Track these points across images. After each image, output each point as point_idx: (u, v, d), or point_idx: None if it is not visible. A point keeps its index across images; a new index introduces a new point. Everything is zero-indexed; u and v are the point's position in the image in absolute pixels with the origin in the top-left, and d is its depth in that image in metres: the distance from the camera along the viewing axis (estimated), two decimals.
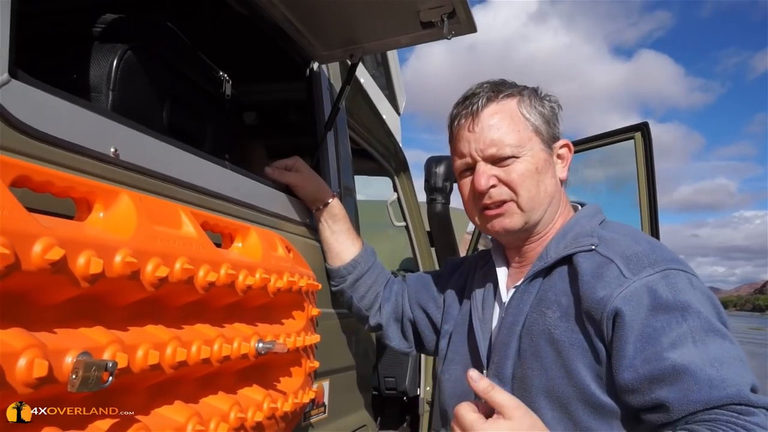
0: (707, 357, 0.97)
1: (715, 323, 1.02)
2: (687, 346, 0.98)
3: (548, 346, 1.11)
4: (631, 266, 1.07)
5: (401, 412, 3.29)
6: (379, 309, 1.55)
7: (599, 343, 1.05)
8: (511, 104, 1.21)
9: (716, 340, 1.00)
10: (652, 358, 0.99)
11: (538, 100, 1.24)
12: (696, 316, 1.01)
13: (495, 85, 1.24)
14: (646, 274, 1.05)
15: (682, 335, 0.99)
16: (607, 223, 1.23)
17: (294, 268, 1.16)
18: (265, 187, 1.30)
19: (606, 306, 1.04)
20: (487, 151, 1.19)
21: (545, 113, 1.23)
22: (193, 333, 0.86)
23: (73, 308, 0.69)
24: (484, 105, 1.21)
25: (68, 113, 0.77)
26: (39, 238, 0.59)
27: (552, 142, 1.24)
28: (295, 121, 2.27)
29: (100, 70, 1.06)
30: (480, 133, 1.19)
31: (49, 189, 0.68)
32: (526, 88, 1.26)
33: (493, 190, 1.19)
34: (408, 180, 3.04)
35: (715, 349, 0.98)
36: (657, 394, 0.98)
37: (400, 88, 3.31)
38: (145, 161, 0.89)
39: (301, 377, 1.19)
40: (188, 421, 0.81)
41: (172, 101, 1.24)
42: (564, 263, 1.16)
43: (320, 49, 1.59)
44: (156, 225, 0.80)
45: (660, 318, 1.01)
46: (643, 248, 1.10)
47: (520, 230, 1.21)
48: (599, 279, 1.07)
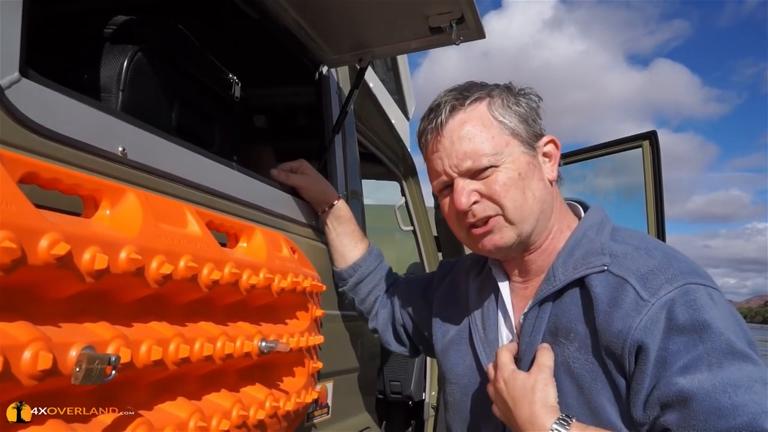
0: (720, 382, 0.88)
1: (736, 344, 0.92)
2: (700, 370, 0.90)
3: (568, 380, 1.03)
4: (647, 285, 0.98)
5: (406, 417, 3.28)
6: (376, 313, 1.55)
7: (620, 378, 0.99)
8: (480, 109, 1.10)
9: (735, 363, 0.90)
10: (662, 384, 0.92)
11: (513, 98, 1.12)
12: (715, 338, 0.92)
13: (460, 90, 1.12)
14: (663, 292, 0.96)
15: (696, 358, 0.91)
16: (616, 232, 1.12)
17: (298, 269, 1.17)
18: (271, 189, 1.31)
19: (626, 339, 0.96)
20: (462, 166, 1.08)
21: (522, 111, 1.11)
22: (196, 330, 0.87)
23: (78, 303, 0.70)
24: (449, 115, 1.10)
25: (77, 112, 0.78)
26: (45, 234, 0.61)
27: (534, 141, 1.12)
28: (304, 124, 2.29)
29: (111, 71, 1.08)
30: (450, 146, 1.09)
31: (56, 186, 0.69)
32: (496, 87, 1.14)
33: (476, 206, 1.09)
34: (416, 185, 3.05)
35: (733, 373, 0.89)
36: (664, 418, 0.92)
37: (409, 93, 3.32)
38: (153, 161, 0.91)
39: (304, 377, 1.19)
40: (190, 417, 0.82)
41: (182, 102, 1.26)
42: (575, 285, 1.07)
43: (329, 53, 1.60)
44: (161, 223, 0.81)
45: (676, 341, 0.93)
46: (658, 262, 1.01)
47: (514, 244, 1.10)
48: (616, 307, 0.99)
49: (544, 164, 1.14)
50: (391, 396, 2.97)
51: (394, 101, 3.02)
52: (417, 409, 3.09)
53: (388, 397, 2.97)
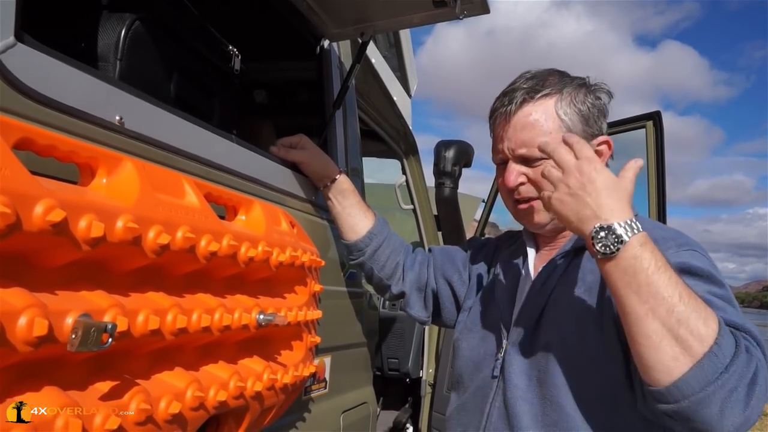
0: (732, 310, 0.98)
1: (735, 301, 1.02)
2: (713, 302, 0.97)
3: (569, 319, 1.14)
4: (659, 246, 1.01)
5: (403, 394, 3.32)
6: (401, 277, 1.57)
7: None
8: (547, 104, 1.20)
9: (734, 309, 0.99)
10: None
11: (581, 96, 1.21)
12: (720, 287, 1.02)
13: (536, 82, 1.22)
14: (673, 251, 1.06)
15: (704, 293, 0.97)
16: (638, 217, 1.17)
17: (297, 243, 1.16)
18: (271, 163, 1.30)
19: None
20: (517, 152, 1.21)
21: (584, 111, 1.21)
22: (194, 302, 0.86)
23: (75, 272, 0.70)
24: (519, 105, 1.20)
25: (74, 79, 0.77)
26: (41, 200, 0.60)
27: (589, 140, 1.19)
28: (305, 99, 2.26)
29: (108, 40, 1.07)
30: (513, 133, 1.21)
31: (52, 153, 0.69)
32: (570, 83, 1.23)
33: (522, 187, 1.22)
34: (417, 163, 3.03)
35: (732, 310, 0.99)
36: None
37: (412, 71, 3.29)
38: (151, 131, 0.90)
39: (302, 351, 1.20)
40: (188, 387, 0.82)
41: (180, 73, 1.24)
42: None
43: (331, 26, 1.58)
44: (159, 193, 0.80)
45: (686, 279, 0.96)
46: (671, 234, 1.13)
47: (547, 224, 1.24)
48: None
49: None
50: (388, 373, 3.00)
51: (396, 78, 2.99)
52: (414, 386, 3.13)
53: (386, 374, 3.00)
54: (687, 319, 0.88)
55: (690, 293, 0.90)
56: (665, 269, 0.91)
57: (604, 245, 0.93)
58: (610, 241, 0.93)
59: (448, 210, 2.85)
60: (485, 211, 3.28)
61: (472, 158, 2.75)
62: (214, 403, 0.87)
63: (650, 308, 0.89)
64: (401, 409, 3.27)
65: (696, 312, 0.88)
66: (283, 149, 1.44)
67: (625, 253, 0.92)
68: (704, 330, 0.87)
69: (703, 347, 0.86)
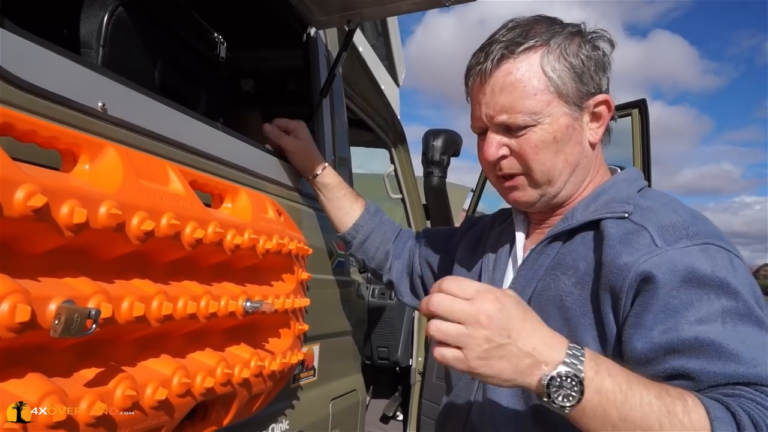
0: (738, 335, 0.83)
1: (755, 310, 0.86)
2: (715, 325, 0.84)
3: (557, 313, 1.00)
4: (665, 236, 0.92)
5: (393, 382, 3.34)
6: (390, 266, 1.55)
7: (611, 315, 0.93)
8: (531, 60, 1.00)
9: (750, 326, 0.84)
10: (673, 329, 0.84)
11: (574, 47, 1.01)
12: (733, 298, 0.85)
13: (519, 32, 1.02)
14: (681, 245, 0.90)
15: (712, 313, 0.84)
16: (647, 191, 1.07)
17: (284, 231, 1.16)
18: (257, 151, 1.29)
19: (630, 271, 0.89)
20: (497, 119, 1.02)
21: (578, 65, 1.01)
22: (180, 289, 0.86)
23: (58, 258, 0.69)
24: (497, 63, 1.01)
25: (55, 65, 0.76)
26: (22, 185, 0.59)
27: (583, 101, 1.03)
28: (292, 88, 2.25)
29: (90, 26, 1.05)
30: (491, 96, 1.02)
31: (33, 138, 0.68)
32: (561, 31, 1.02)
33: (504, 161, 1.06)
34: (405, 152, 3.03)
35: (748, 333, 0.84)
36: (673, 363, 0.84)
37: (399, 59, 3.28)
38: (134, 117, 0.89)
39: (289, 339, 1.20)
40: (174, 374, 0.82)
41: (165, 60, 1.23)
42: (590, 228, 1.02)
43: (317, 14, 1.57)
44: (143, 180, 0.80)
45: (691, 292, 0.85)
46: (683, 219, 0.95)
47: (536, 203, 1.09)
48: (627, 245, 0.93)
49: (588, 125, 1.06)
50: (378, 362, 3.01)
51: (384, 67, 2.98)
52: (404, 375, 3.14)
53: (376, 363, 3.02)
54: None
55: (669, 409, 0.75)
56: (630, 388, 0.76)
57: (566, 396, 0.75)
58: (569, 388, 0.75)
59: (436, 199, 2.86)
60: (473, 200, 3.29)
61: (461, 147, 2.76)
62: (201, 390, 0.87)
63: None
64: (391, 398, 3.30)
65: (683, 429, 0.74)
66: (276, 131, 1.42)
67: (588, 395, 0.75)
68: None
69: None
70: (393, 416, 3.26)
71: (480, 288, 0.79)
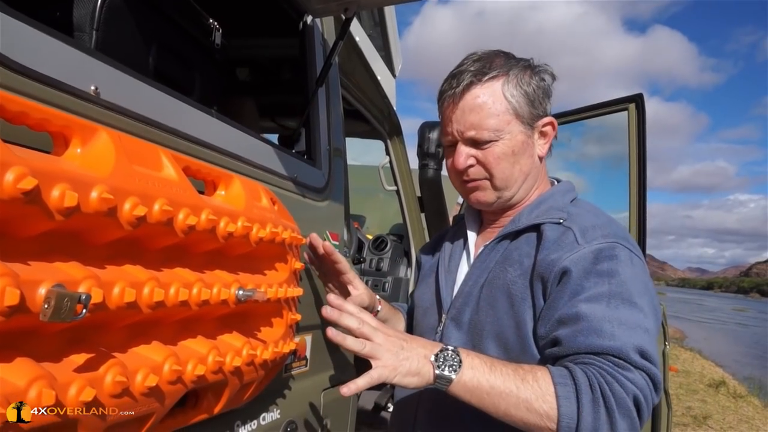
0: (610, 315, 1.05)
1: (634, 297, 1.08)
2: (599, 304, 1.07)
3: (504, 299, 1.21)
4: (586, 236, 1.17)
5: None
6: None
7: (541, 299, 1.16)
8: (494, 86, 1.23)
9: (628, 309, 1.07)
10: (566, 307, 1.09)
11: (527, 78, 1.25)
12: (619, 285, 1.09)
13: (483, 64, 1.25)
14: (597, 243, 1.14)
15: (599, 294, 1.08)
16: (577, 201, 1.33)
17: (278, 220, 1.15)
18: (251, 139, 1.28)
19: (555, 266, 1.14)
20: (466, 134, 1.25)
21: (530, 93, 1.25)
22: (172, 276, 0.85)
23: (48, 243, 0.68)
24: (466, 87, 1.23)
25: (47, 47, 0.75)
26: (12, 167, 0.59)
27: (534, 122, 1.27)
28: (288, 77, 2.24)
29: (84, 9, 1.04)
30: (461, 116, 1.24)
31: (24, 120, 0.67)
32: (516, 64, 1.26)
33: (471, 169, 1.28)
34: (401, 144, 3.02)
35: (623, 314, 1.06)
36: (555, 332, 1.09)
37: (396, 50, 3.26)
38: (127, 102, 0.88)
39: (282, 328, 1.20)
40: (165, 361, 0.81)
41: (159, 46, 1.22)
42: (533, 230, 1.26)
43: (314, 1, 1.55)
44: (136, 165, 0.79)
45: (591, 279, 1.10)
46: (601, 222, 1.21)
47: (494, 203, 1.32)
48: (557, 245, 1.18)
49: (537, 142, 1.31)
50: None
51: (381, 58, 2.96)
52: None
53: None
54: (532, 402, 1.00)
55: (523, 377, 1.03)
56: (493, 365, 1.05)
57: (450, 366, 1.03)
58: (451, 359, 1.04)
59: (431, 191, 2.86)
60: None
61: None
62: (192, 377, 0.87)
63: (504, 406, 1.02)
64: (382, 390, 3.30)
65: (534, 393, 1.01)
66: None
67: (464, 368, 1.03)
68: (546, 407, 1.00)
69: (554, 424, 0.99)
70: (384, 406, 3.27)
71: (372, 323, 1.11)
